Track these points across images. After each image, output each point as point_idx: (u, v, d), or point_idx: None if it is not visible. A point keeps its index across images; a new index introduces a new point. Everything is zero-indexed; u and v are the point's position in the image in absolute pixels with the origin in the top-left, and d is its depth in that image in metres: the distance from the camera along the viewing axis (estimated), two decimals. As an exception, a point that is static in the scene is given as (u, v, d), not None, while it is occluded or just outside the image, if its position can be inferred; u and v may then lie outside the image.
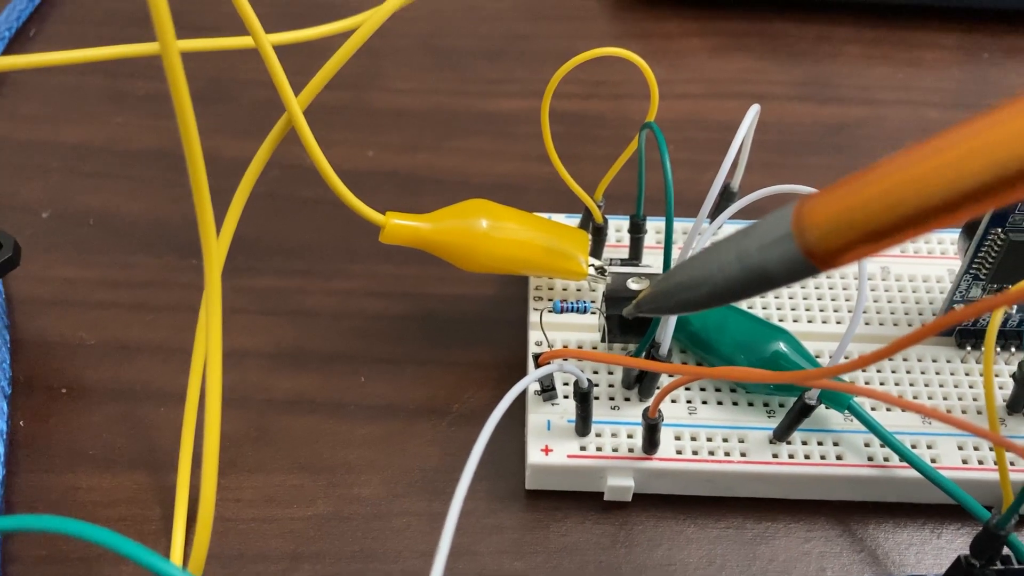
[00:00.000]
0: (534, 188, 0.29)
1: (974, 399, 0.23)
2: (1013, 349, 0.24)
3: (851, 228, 0.12)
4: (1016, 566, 0.20)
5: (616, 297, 0.22)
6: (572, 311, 0.22)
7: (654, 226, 0.26)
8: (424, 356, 0.25)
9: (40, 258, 0.27)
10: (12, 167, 0.29)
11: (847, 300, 0.25)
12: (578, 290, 0.25)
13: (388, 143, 0.30)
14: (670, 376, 0.22)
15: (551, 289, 0.25)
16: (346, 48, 0.20)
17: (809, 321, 0.24)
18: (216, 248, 0.17)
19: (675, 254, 0.21)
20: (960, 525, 0.22)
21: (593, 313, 0.23)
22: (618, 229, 0.26)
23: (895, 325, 0.24)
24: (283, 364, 0.25)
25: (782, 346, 0.22)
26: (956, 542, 0.22)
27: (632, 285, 0.22)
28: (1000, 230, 0.22)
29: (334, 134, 0.30)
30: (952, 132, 0.11)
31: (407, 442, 0.23)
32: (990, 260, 0.22)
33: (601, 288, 0.24)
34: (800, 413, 0.21)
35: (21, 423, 0.23)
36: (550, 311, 0.23)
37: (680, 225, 0.26)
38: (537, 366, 0.21)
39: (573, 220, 0.26)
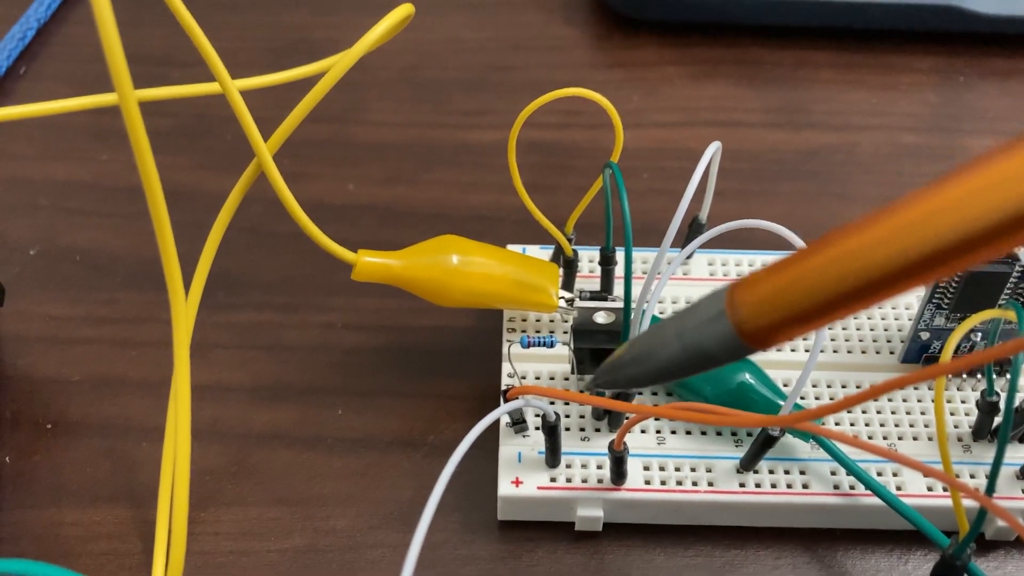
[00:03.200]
0: (510, 219, 0.29)
1: (940, 426, 0.23)
2: (979, 375, 0.24)
3: (777, 310, 0.13)
4: (977, 593, 0.20)
5: (583, 330, 0.23)
6: (539, 345, 0.23)
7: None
8: (401, 388, 0.26)
9: (27, 295, 0.27)
10: (1, 205, 0.30)
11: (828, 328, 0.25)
12: (551, 321, 0.25)
13: (368, 176, 0.31)
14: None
15: (524, 321, 0.25)
16: (315, 93, 0.21)
17: (778, 350, 0.25)
18: (184, 305, 0.18)
19: (637, 286, 0.21)
20: (927, 551, 0.23)
21: (565, 345, 0.24)
22: (591, 260, 0.27)
23: (863, 353, 0.25)
24: (262, 398, 0.25)
25: (747, 377, 0.23)
26: (923, 568, 0.22)
27: (598, 319, 0.23)
28: (959, 260, 0.22)
29: (315, 168, 0.31)
30: (863, 221, 0.12)
31: (383, 474, 0.24)
32: (951, 291, 0.23)
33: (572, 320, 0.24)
34: (764, 444, 0.22)
35: (7, 459, 0.24)
36: (519, 345, 0.23)
37: (649, 256, 0.27)
38: (505, 401, 0.21)
39: (547, 252, 0.27)
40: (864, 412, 0.24)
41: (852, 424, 0.23)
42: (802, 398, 0.24)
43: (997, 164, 0.11)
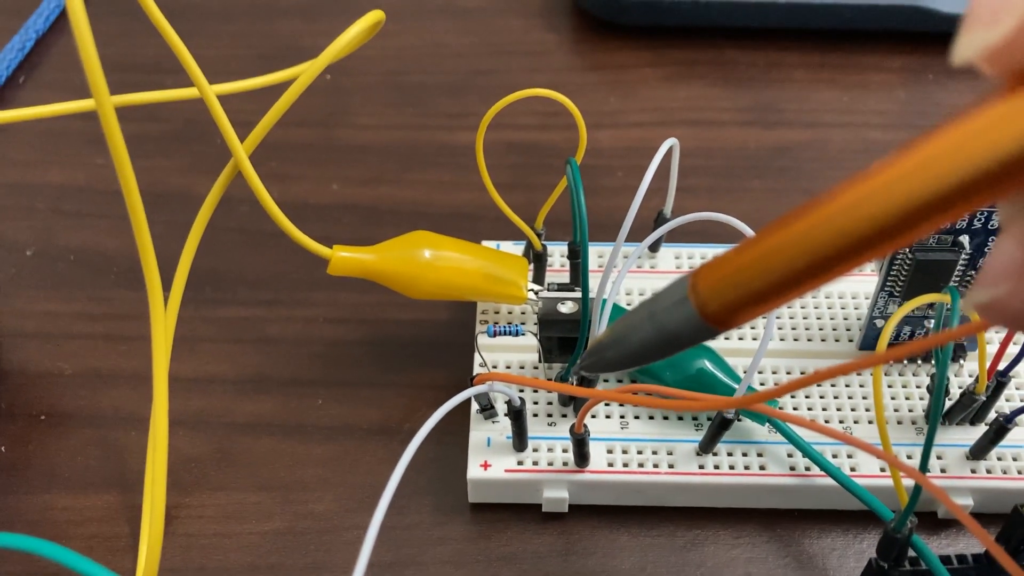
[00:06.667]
0: (489, 217, 0.30)
1: (895, 409, 0.24)
2: (934, 361, 0.25)
3: (734, 290, 0.14)
4: (922, 567, 0.21)
5: (548, 320, 0.24)
6: (505, 334, 0.24)
7: (596, 251, 0.28)
8: (379, 379, 0.27)
9: (24, 294, 0.29)
10: (0, 208, 0.31)
11: (776, 316, 0.26)
12: (522, 313, 0.26)
13: (352, 177, 0.32)
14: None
15: (497, 313, 0.26)
16: (286, 98, 0.22)
17: (740, 338, 0.26)
18: (162, 305, 0.19)
19: (595, 279, 0.22)
20: (880, 531, 0.23)
21: (534, 335, 0.25)
22: (562, 255, 0.28)
23: (823, 341, 0.26)
24: (246, 389, 0.26)
25: (706, 363, 0.24)
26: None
27: (562, 308, 0.24)
28: (908, 250, 0.23)
29: (301, 169, 0.32)
30: (804, 207, 0.13)
31: (360, 460, 0.25)
32: (902, 278, 0.23)
33: (540, 311, 0.25)
34: (720, 427, 0.22)
35: (2, 448, 0.25)
36: (486, 335, 0.24)
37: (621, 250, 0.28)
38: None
39: (520, 247, 0.28)
40: (822, 397, 0.25)
41: (810, 409, 0.24)
42: (762, 384, 0.25)
43: (940, 139, 0.12)
